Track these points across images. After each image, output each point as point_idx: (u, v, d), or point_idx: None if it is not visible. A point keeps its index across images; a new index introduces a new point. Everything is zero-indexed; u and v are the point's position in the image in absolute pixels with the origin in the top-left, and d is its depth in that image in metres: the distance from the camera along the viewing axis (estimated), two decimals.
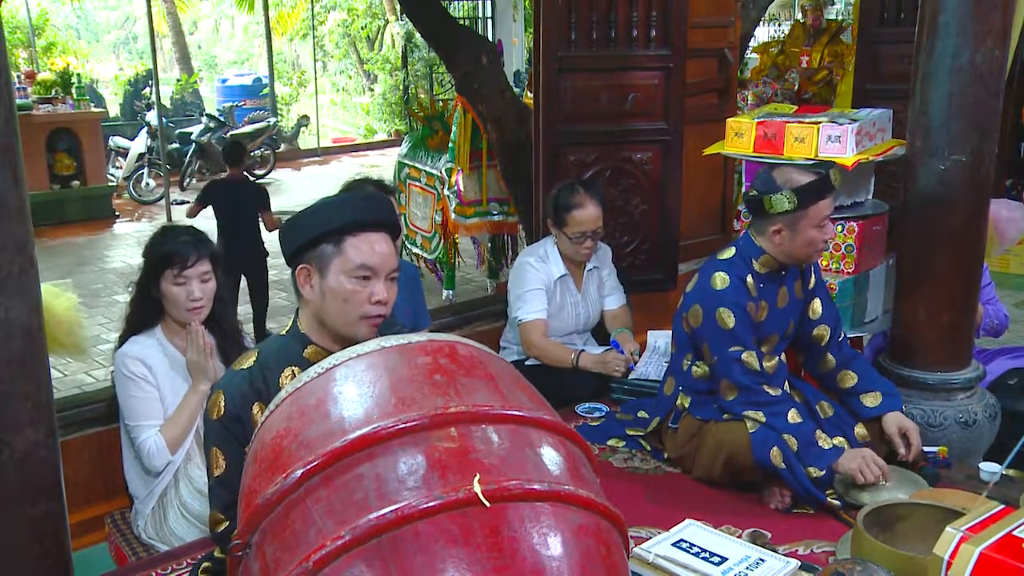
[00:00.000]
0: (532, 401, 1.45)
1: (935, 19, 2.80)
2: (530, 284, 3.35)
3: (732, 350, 2.58)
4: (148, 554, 2.63)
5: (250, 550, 1.34)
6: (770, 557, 2.13)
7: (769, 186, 2.59)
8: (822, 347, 2.82)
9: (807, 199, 2.54)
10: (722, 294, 2.61)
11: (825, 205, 2.57)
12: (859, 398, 2.75)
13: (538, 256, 3.41)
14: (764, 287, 2.67)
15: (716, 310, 2.60)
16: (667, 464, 2.85)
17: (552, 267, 3.38)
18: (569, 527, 1.27)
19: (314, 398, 1.41)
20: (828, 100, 6.75)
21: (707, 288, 2.64)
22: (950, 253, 2.94)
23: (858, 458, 2.50)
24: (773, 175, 2.63)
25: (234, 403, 1.83)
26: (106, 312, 5.59)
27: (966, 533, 1.46)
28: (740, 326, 2.59)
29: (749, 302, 2.62)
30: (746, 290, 2.63)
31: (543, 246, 3.45)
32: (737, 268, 2.65)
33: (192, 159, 9.92)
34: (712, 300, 2.61)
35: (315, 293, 1.89)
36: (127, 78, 12.49)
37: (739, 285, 2.62)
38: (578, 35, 3.87)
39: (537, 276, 3.35)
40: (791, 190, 2.55)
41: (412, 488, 1.23)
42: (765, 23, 10.86)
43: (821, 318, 2.80)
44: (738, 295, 2.61)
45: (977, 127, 2.84)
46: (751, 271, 2.65)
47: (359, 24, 15.93)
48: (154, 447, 2.52)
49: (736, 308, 2.59)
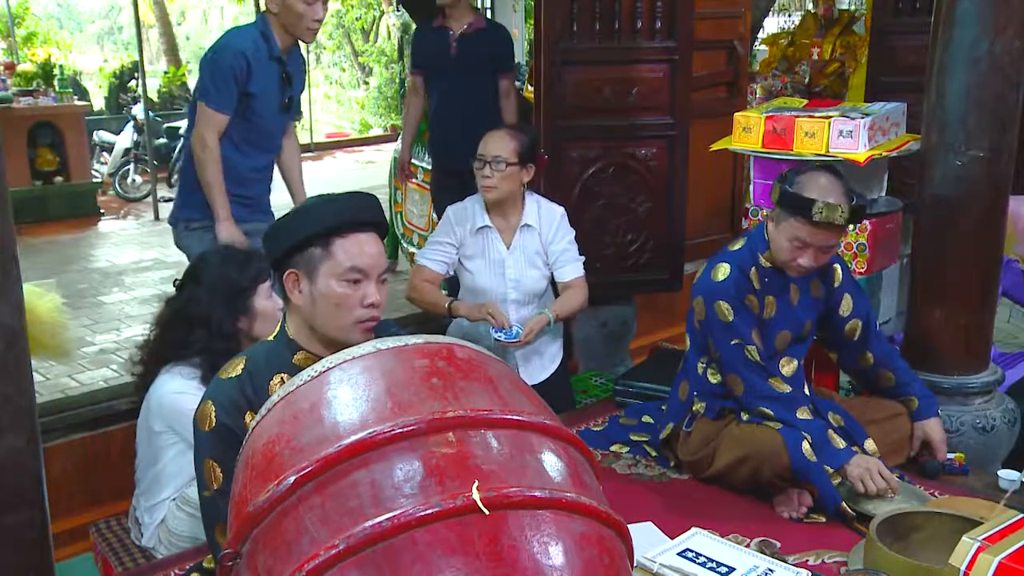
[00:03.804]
0: (533, 405, 1.45)
1: (952, 8, 2.80)
2: (438, 234, 3.29)
3: (734, 343, 2.60)
4: (136, 564, 2.64)
5: (240, 560, 1.34)
6: (779, 567, 2.13)
7: (789, 174, 2.62)
8: (856, 342, 2.81)
9: (784, 205, 2.55)
10: (721, 286, 2.63)
11: (800, 227, 2.53)
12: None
13: (462, 207, 3.29)
14: (769, 281, 2.67)
15: (716, 303, 2.63)
16: (672, 471, 2.85)
17: (475, 216, 3.23)
18: (571, 535, 1.27)
19: (307, 402, 1.41)
20: (840, 94, 6.74)
21: (708, 280, 2.67)
22: (967, 252, 2.94)
23: (863, 466, 2.50)
24: (806, 167, 2.65)
25: (225, 412, 1.83)
26: (91, 313, 5.58)
27: (984, 543, 1.46)
28: (739, 319, 2.61)
29: (750, 295, 2.63)
30: (748, 282, 2.64)
31: (474, 198, 3.30)
32: (741, 260, 2.66)
33: (180, 155, 9.91)
34: (712, 293, 2.64)
35: (304, 298, 1.89)
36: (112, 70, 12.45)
37: (739, 277, 2.63)
38: (580, 26, 3.87)
39: (449, 228, 3.26)
40: (786, 185, 2.56)
41: (409, 495, 1.23)
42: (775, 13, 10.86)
43: (852, 313, 2.79)
44: (738, 288, 2.62)
45: (996, 121, 2.84)
46: (756, 264, 2.66)
47: (354, 15, 15.93)
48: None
49: (734, 301, 2.61)
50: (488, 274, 3.25)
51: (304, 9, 3.20)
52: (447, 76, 4.44)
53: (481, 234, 3.24)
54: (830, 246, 2.59)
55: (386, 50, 14.39)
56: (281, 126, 3.52)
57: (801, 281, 2.72)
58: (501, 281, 3.25)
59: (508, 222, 3.24)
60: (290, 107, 3.45)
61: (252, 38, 3.31)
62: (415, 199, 5.80)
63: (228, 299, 2.59)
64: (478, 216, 3.23)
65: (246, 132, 3.33)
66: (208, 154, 3.25)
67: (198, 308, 2.59)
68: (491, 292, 3.25)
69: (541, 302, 3.31)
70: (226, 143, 3.29)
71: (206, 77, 3.26)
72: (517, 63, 7.74)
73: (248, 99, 3.27)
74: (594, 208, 4.01)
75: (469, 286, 3.30)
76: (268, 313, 2.57)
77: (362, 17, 16.01)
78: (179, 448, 2.59)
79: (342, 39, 16.57)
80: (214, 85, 3.23)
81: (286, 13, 3.24)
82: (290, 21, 3.25)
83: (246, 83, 3.23)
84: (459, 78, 4.38)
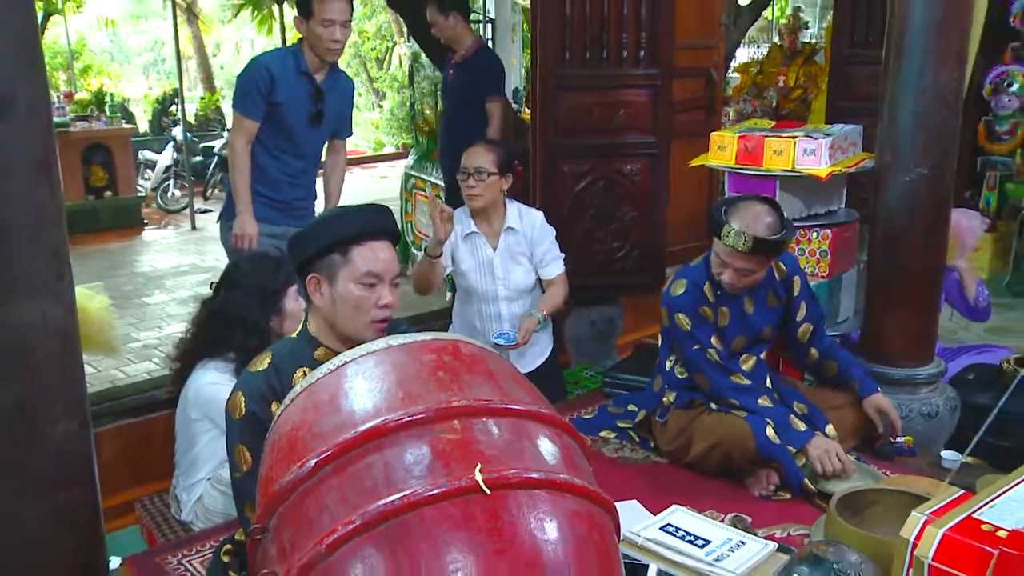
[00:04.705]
0: (529, 396, 1.45)
1: (900, 43, 2.81)
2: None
3: (695, 349, 2.63)
4: (176, 536, 2.65)
5: (268, 534, 1.34)
6: (750, 540, 2.13)
7: (734, 199, 2.64)
8: (805, 344, 2.82)
9: (711, 224, 2.57)
10: (678, 300, 2.66)
11: (719, 247, 2.55)
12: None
13: (454, 215, 3.20)
14: (722, 294, 2.67)
15: (675, 315, 2.65)
16: (655, 454, 2.85)
17: (464, 225, 3.23)
18: (564, 513, 1.27)
19: (327, 392, 1.41)
20: (803, 116, 6.75)
21: (668, 293, 2.71)
22: (916, 259, 2.94)
23: (822, 448, 2.51)
24: (751, 197, 2.64)
25: (254, 402, 1.82)
26: (135, 313, 5.58)
27: (930, 516, 1.46)
28: (696, 328, 2.64)
29: (704, 307, 2.65)
30: (702, 296, 2.65)
31: (462, 208, 3.28)
32: (696, 276, 2.68)
33: (214, 171, 9.89)
34: (672, 306, 2.67)
35: (325, 300, 1.89)
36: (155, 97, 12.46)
37: (694, 291, 2.65)
38: (572, 55, 3.87)
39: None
40: (717, 207, 2.58)
41: (418, 477, 1.23)
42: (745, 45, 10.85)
43: (805, 318, 2.80)
44: (692, 301, 2.64)
45: (939, 143, 2.85)
46: (710, 279, 2.67)
47: (369, 46, 15.91)
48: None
49: (690, 312, 2.63)
50: (479, 274, 3.24)
51: (321, 31, 3.25)
52: (448, 100, 4.45)
53: (470, 239, 3.23)
54: (747, 269, 2.56)
55: (398, 77, 14.35)
56: (316, 137, 3.50)
57: (755, 294, 2.72)
58: (491, 280, 3.24)
59: (492, 227, 3.24)
60: (320, 119, 3.43)
61: (280, 56, 3.41)
62: (424, 210, 5.81)
63: (262, 301, 2.59)
64: (465, 224, 3.23)
65: (277, 139, 3.36)
66: (235, 156, 3.32)
67: (235, 309, 2.59)
68: (483, 290, 3.25)
69: (531, 297, 3.30)
70: (259, 149, 3.34)
71: (237, 88, 3.37)
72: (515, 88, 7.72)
73: (276, 108, 3.31)
74: (585, 218, 3.99)
75: (463, 286, 3.30)
76: (295, 313, 2.56)
77: (377, 47, 15.99)
78: (213, 434, 2.59)
79: (359, 67, 16.55)
80: (241, 94, 3.32)
81: (309, 35, 3.30)
82: (312, 42, 3.30)
83: (271, 93, 3.28)
84: (457, 102, 4.39)
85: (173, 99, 11.30)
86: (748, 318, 2.73)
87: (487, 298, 3.25)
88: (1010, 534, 1.37)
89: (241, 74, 3.37)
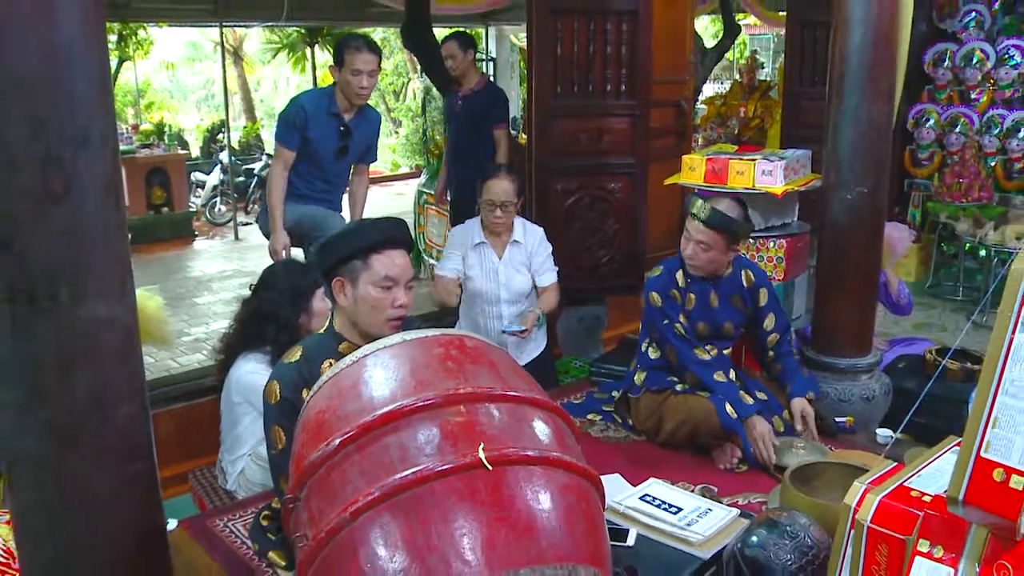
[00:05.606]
0: (526, 384, 1.45)
1: (841, 83, 2.84)
2: (449, 246, 3.29)
3: (664, 323, 2.66)
4: (223, 503, 2.64)
5: (299, 503, 1.33)
6: (716, 507, 2.12)
7: (714, 196, 2.71)
8: (770, 348, 2.81)
9: (688, 207, 2.63)
10: (653, 281, 2.72)
11: (689, 222, 2.63)
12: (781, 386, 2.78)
13: (466, 227, 3.29)
14: (692, 281, 2.72)
15: (650, 293, 2.70)
16: (634, 433, 2.84)
17: (473, 235, 3.23)
18: (556, 485, 1.27)
19: (350, 381, 1.40)
20: (761, 142, 6.75)
21: (647, 278, 2.77)
22: (856, 264, 2.94)
23: (760, 431, 2.49)
24: (728, 194, 2.73)
25: (288, 389, 1.82)
26: (187, 311, 5.58)
27: (869, 486, 1.46)
28: (666, 305, 2.68)
29: (674, 290, 2.70)
30: (673, 280, 2.72)
31: (473, 221, 3.29)
32: (671, 265, 2.74)
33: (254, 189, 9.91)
34: (648, 287, 2.73)
35: (348, 300, 1.88)
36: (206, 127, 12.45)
37: (666, 276, 2.72)
38: (563, 88, 3.88)
39: (456, 240, 3.26)
40: (695, 195, 2.64)
41: (429, 455, 1.23)
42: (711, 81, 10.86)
43: (774, 328, 2.79)
44: (664, 283, 2.70)
45: (874, 166, 2.86)
46: (682, 268, 2.72)
47: (387, 81, 15.90)
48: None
49: (661, 293, 2.69)
50: (484, 279, 3.24)
51: (351, 79, 3.32)
52: (456, 128, 4.45)
53: (478, 249, 3.23)
54: (705, 244, 2.59)
55: (412, 107, 14.35)
56: (341, 167, 3.56)
57: (721, 289, 2.72)
58: (495, 284, 3.23)
59: (500, 239, 3.24)
60: (345, 152, 3.49)
61: (316, 97, 3.50)
62: (434, 222, 5.81)
63: (294, 300, 2.58)
64: (476, 235, 3.23)
65: (306, 166, 3.44)
66: (273, 180, 3.42)
67: (270, 308, 2.58)
68: (487, 293, 3.24)
69: (528, 301, 3.29)
70: (292, 173, 3.43)
71: (279, 122, 3.46)
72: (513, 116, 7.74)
73: (308, 142, 3.38)
74: (574, 229, 3.99)
75: (470, 289, 3.30)
76: (322, 312, 2.56)
77: (394, 82, 16.01)
78: (252, 416, 2.58)
79: (378, 99, 16.53)
80: (281, 128, 3.42)
81: (341, 81, 3.37)
82: (343, 87, 3.37)
83: (305, 128, 3.35)
84: (464, 130, 4.38)
85: (220, 128, 11.29)
86: (712, 309, 2.72)
87: (490, 300, 3.24)
88: (933, 499, 1.39)
89: (282, 111, 3.47)
